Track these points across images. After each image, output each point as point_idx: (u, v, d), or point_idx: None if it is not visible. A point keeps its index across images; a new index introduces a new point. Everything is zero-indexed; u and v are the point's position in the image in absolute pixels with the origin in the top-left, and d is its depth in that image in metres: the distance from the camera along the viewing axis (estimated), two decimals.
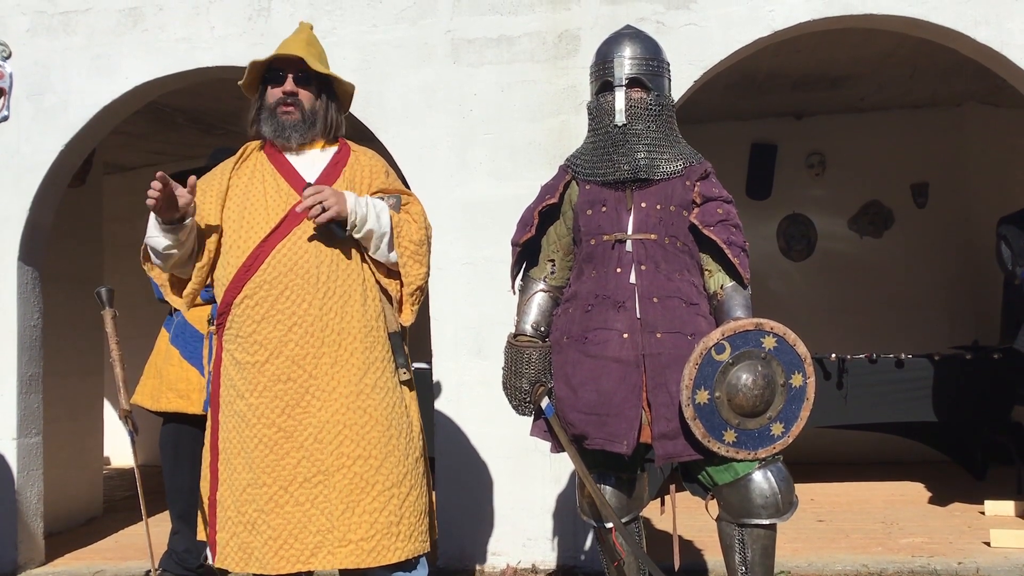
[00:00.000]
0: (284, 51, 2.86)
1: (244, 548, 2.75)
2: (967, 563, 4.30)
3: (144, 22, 4.91)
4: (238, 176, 2.90)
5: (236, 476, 2.77)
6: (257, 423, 2.75)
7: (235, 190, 2.88)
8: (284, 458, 2.73)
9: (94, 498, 6.19)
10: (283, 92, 2.87)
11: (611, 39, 2.99)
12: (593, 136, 2.96)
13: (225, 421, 2.82)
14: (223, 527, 2.79)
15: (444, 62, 4.71)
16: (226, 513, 2.79)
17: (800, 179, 7.79)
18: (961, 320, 7.33)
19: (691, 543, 4.59)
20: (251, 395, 2.76)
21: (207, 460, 2.89)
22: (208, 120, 7.11)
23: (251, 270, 2.77)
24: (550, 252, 3.02)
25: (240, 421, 2.78)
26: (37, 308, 5.00)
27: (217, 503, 2.81)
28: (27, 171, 4.90)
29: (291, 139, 2.88)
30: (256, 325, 2.77)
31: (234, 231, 2.84)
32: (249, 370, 2.77)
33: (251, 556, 2.74)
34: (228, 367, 2.83)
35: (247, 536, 2.75)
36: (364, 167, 2.96)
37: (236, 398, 2.79)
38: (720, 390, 2.67)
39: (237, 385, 2.79)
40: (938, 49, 4.86)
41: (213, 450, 2.86)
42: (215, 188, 2.89)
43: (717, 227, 2.82)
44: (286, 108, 2.86)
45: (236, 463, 2.78)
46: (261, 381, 2.76)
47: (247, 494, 2.75)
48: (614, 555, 2.95)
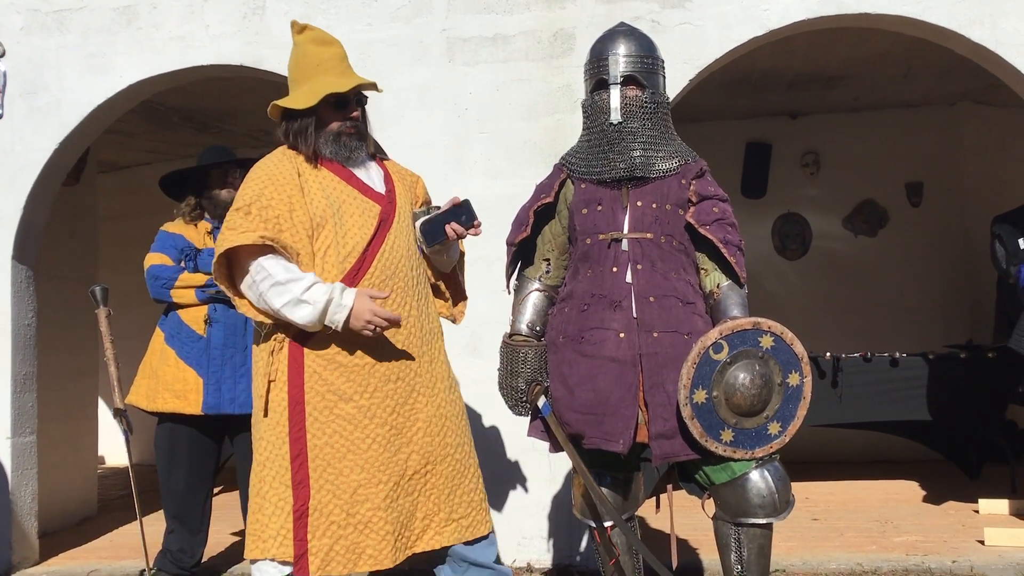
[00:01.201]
0: (354, 81, 2.97)
1: (353, 549, 2.80)
2: (961, 561, 4.31)
3: (138, 20, 4.90)
4: (310, 195, 2.92)
5: (343, 479, 2.81)
6: (369, 423, 2.83)
7: (313, 207, 2.90)
8: (397, 454, 2.84)
9: (88, 497, 6.18)
10: (349, 118, 2.98)
11: (605, 37, 2.98)
12: (588, 134, 2.96)
13: (323, 427, 2.83)
14: (324, 533, 2.80)
15: (439, 61, 4.70)
16: (329, 518, 2.80)
17: (795, 178, 7.80)
18: (955, 319, 7.35)
19: (686, 542, 4.59)
20: (360, 397, 2.84)
21: (287, 471, 2.84)
22: (202, 119, 7.10)
23: (359, 275, 2.84)
24: (545, 251, 3.02)
25: (347, 423, 2.83)
26: (31, 307, 4.99)
27: (311, 511, 2.81)
28: (21, 170, 4.89)
29: (356, 158, 2.99)
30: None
31: (328, 242, 2.88)
32: (357, 372, 2.84)
33: (362, 556, 2.80)
34: (323, 372, 2.85)
35: (357, 537, 2.80)
36: (405, 176, 3.13)
37: (339, 401, 2.83)
38: (718, 389, 2.67)
39: (340, 389, 2.84)
40: (932, 48, 4.87)
41: (300, 459, 2.83)
42: (301, 219, 2.89)
43: (713, 226, 2.81)
44: (349, 131, 2.97)
45: (343, 466, 2.82)
46: (371, 382, 2.84)
47: (359, 495, 2.81)
48: (610, 553, 2.95)
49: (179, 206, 4.35)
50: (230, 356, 4.13)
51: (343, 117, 2.96)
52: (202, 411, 4.09)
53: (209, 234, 4.29)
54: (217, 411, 4.10)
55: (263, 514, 2.84)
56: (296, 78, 3.04)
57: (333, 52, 3.03)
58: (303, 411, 2.84)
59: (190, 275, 4.16)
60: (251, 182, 2.90)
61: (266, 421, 2.88)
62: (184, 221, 4.32)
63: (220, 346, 4.13)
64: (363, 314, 2.74)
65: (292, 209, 2.84)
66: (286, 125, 3.00)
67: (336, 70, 2.98)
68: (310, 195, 2.89)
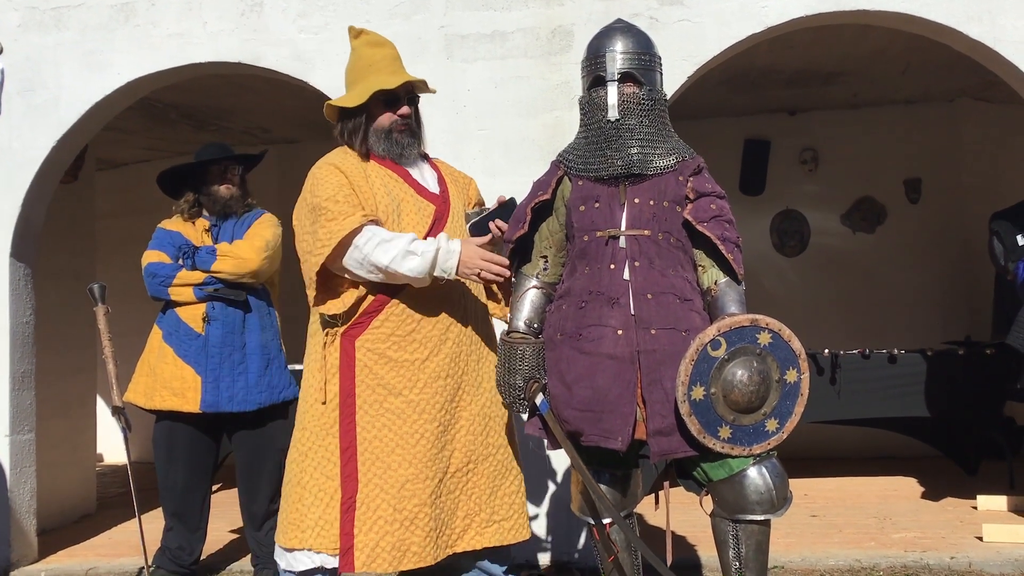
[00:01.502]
0: (403, 78, 3.04)
1: (399, 546, 2.82)
2: (960, 557, 4.32)
3: (136, 17, 4.90)
4: (374, 188, 2.98)
5: (391, 473, 2.84)
6: (418, 419, 2.88)
7: (377, 199, 2.97)
8: (442, 450, 2.91)
9: (87, 495, 6.18)
10: (400, 116, 3.04)
11: (602, 33, 2.97)
12: (585, 131, 2.95)
13: (372, 420, 2.88)
14: (371, 528, 2.82)
15: (437, 58, 4.70)
16: (376, 513, 2.83)
17: (793, 175, 7.80)
18: (954, 315, 7.35)
19: (684, 539, 4.59)
20: (410, 392, 2.89)
21: (336, 464, 2.89)
22: (201, 116, 7.09)
23: None
24: (543, 248, 3.01)
25: (396, 418, 2.88)
26: (29, 305, 4.99)
27: (359, 505, 2.84)
28: (19, 167, 4.89)
29: (409, 156, 3.06)
30: (417, 324, 2.94)
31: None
32: (408, 368, 2.90)
33: (406, 552, 2.82)
34: (374, 366, 2.90)
35: (403, 533, 2.82)
36: (458, 178, 3.22)
37: (389, 396, 2.89)
38: (716, 386, 2.67)
39: (390, 383, 2.90)
40: (931, 45, 4.87)
41: (348, 452, 2.87)
42: (371, 204, 2.97)
43: (711, 223, 2.81)
44: (400, 128, 3.04)
45: (391, 460, 2.85)
46: (421, 378, 2.91)
47: (406, 490, 2.84)
48: (609, 551, 2.95)
49: (177, 203, 4.34)
50: (228, 354, 4.13)
51: (393, 114, 3.03)
52: (200, 409, 4.08)
53: (207, 231, 4.28)
54: (215, 409, 4.09)
55: (303, 504, 2.89)
56: (350, 80, 3.11)
57: (384, 53, 3.10)
58: (354, 404, 2.90)
59: (188, 272, 4.16)
60: (324, 180, 2.95)
61: (313, 411, 2.92)
62: (182, 218, 4.31)
63: (218, 344, 4.12)
64: (473, 259, 2.83)
65: (373, 194, 2.95)
66: (341, 125, 3.08)
67: (388, 69, 3.04)
68: (374, 188, 2.96)
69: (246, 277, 4.16)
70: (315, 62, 4.75)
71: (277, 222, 4.35)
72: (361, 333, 2.91)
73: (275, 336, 4.30)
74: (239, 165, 4.35)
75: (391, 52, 3.11)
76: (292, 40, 4.78)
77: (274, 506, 4.23)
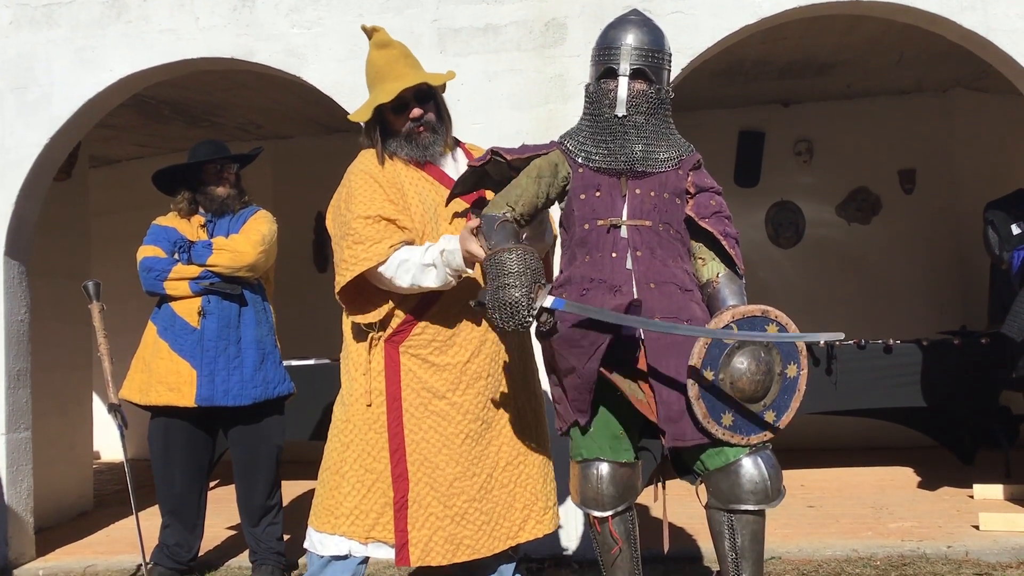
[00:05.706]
0: (405, 83, 2.98)
1: (451, 540, 2.93)
2: (956, 547, 4.33)
3: (128, 13, 4.88)
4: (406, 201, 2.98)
5: (439, 473, 2.94)
6: (462, 419, 2.95)
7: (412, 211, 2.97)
8: (488, 447, 2.98)
9: (84, 492, 6.18)
10: (411, 119, 3.02)
11: (618, 25, 2.92)
12: (591, 122, 2.91)
13: (419, 423, 2.96)
14: (423, 524, 2.93)
15: (430, 51, 4.68)
16: (427, 510, 2.93)
17: (788, 166, 7.81)
18: (949, 305, 7.36)
19: (683, 530, 4.60)
20: (453, 394, 2.95)
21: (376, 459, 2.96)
22: (194, 112, 7.07)
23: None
24: (512, 199, 2.82)
25: (441, 419, 2.95)
26: (24, 302, 4.97)
27: (411, 503, 2.94)
28: (12, 165, 4.87)
29: (432, 155, 3.05)
30: (456, 328, 2.97)
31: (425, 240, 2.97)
32: (450, 371, 2.96)
33: (460, 546, 2.93)
34: (416, 370, 2.96)
35: (454, 528, 2.93)
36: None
37: (433, 398, 2.96)
38: (724, 372, 2.67)
39: (433, 386, 2.96)
40: (924, 35, 4.87)
41: (398, 454, 2.95)
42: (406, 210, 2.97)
43: (712, 219, 2.83)
44: (418, 130, 3.02)
45: (438, 460, 2.94)
46: (464, 380, 2.97)
47: (455, 487, 2.94)
48: (609, 543, 2.95)
49: (175, 201, 4.33)
50: (224, 348, 4.13)
51: (405, 119, 3.01)
52: (195, 403, 4.08)
53: (203, 227, 4.27)
54: (211, 403, 4.09)
55: (340, 492, 2.97)
56: (368, 87, 3.12)
57: (390, 55, 3.08)
58: (400, 407, 2.97)
59: (184, 267, 4.15)
60: (358, 193, 2.94)
61: (357, 406, 2.98)
62: (178, 215, 4.31)
63: (214, 338, 4.12)
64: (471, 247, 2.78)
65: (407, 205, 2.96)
66: (363, 136, 3.09)
67: (392, 75, 3.02)
68: (407, 198, 2.97)
69: (243, 271, 4.16)
70: (308, 57, 4.73)
71: (272, 218, 4.34)
72: (404, 339, 2.97)
73: (270, 331, 4.29)
74: (235, 164, 4.34)
75: (396, 53, 3.08)
76: (285, 35, 4.76)
77: (271, 502, 4.24)
